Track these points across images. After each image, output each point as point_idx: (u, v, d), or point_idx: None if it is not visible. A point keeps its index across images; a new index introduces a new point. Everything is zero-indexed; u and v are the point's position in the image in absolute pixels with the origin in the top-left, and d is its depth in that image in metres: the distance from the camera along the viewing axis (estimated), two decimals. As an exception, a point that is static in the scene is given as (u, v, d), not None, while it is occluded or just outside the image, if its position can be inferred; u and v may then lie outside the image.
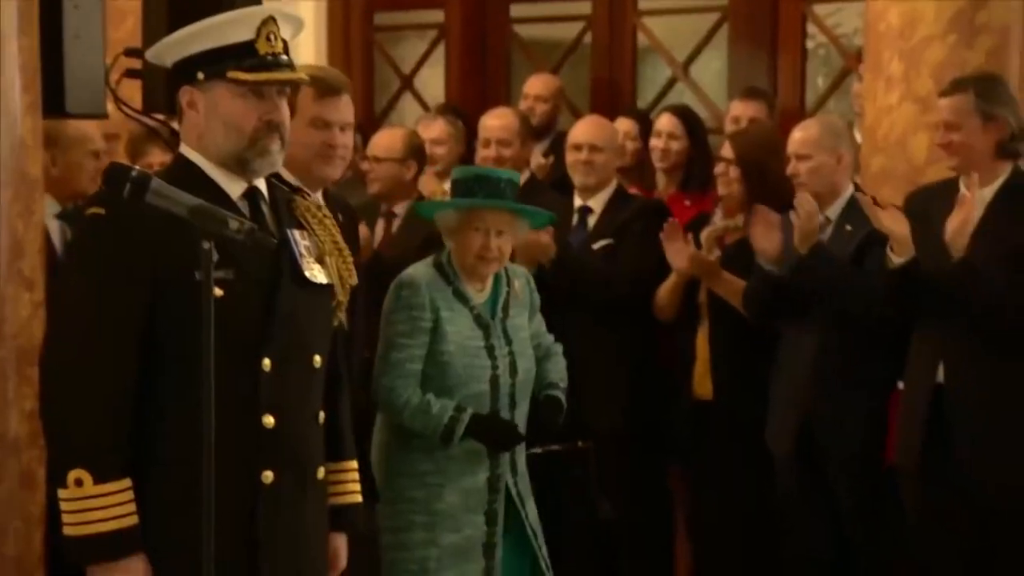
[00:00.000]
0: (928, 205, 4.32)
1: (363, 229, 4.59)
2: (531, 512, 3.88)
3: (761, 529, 4.82)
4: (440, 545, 3.75)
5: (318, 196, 3.81)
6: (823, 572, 4.60)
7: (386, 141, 5.42)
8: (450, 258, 3.86)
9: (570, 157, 5.17)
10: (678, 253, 4.81)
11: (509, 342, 3.85)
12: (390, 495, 3.80)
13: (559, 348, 4.06)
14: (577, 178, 5.15)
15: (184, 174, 2.84)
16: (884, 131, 4.91)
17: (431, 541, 3.75)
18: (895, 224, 4.13)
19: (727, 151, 4.93)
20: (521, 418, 3.88)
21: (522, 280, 3.97)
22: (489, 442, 3.77)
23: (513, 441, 3.82)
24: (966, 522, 4.20)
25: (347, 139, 3.76)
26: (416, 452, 3.79)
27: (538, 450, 4.10)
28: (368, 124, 6.83)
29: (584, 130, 5.19)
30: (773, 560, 4.84)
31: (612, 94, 6.94)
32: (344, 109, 3.75)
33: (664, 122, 5.72)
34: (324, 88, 3.70)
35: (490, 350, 3.81)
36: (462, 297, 3.82)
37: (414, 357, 3.76)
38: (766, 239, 4.51)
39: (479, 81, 7.30)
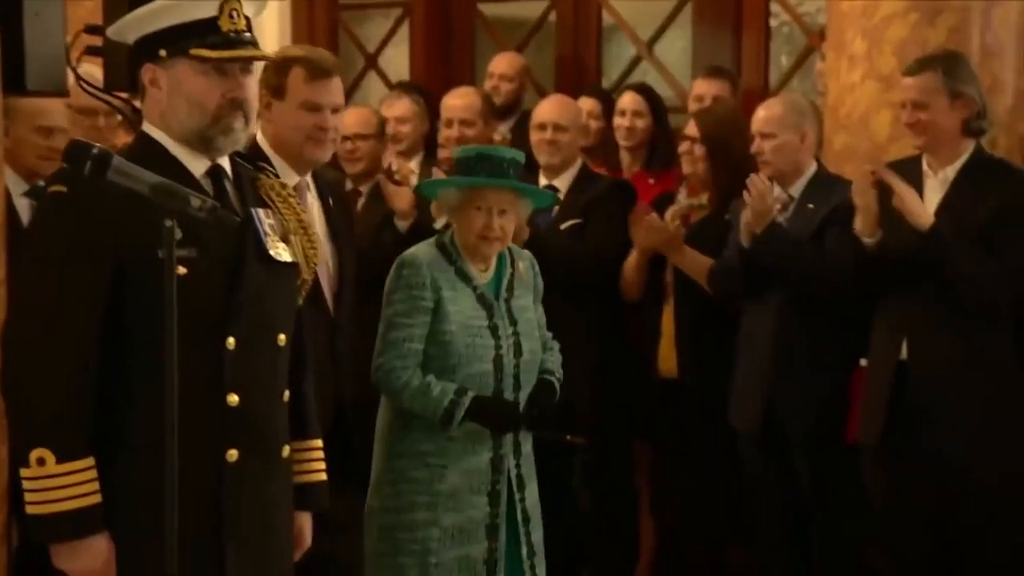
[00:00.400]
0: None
1: None
2: (529, 496, 3.84)
3: (725, 506, 4.84)
4: (442, 525, 3.71)
5: (308, 178, 3.80)
6: (787, 549, 4.63)
7: (363, 118, 5.40)
8: (453, 238, 3.81)
9: (534, 136, 5.16)
10: (644, 233, 4.83)
11: (514, 323, 3.80)
12: (392, 476, 3.76)
13: (556, 345, 4.01)
14: (542, 157, 5.15)
15: (146, 152, 2.83)
16: (847, 109, 4.93)
17: (433, 521, 3.71)
18: (872, 203, 4.18)
19: (692, 129, 4.94)
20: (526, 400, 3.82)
21: (526, 262, 3.93)
22: (490, 424, 3.73)
23: (514, 423, 3.77)
24: (929, 499, 4.23)
25: (338, 121, 3.78)
26: (417, 432, 3.74)
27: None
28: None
29: (548, 109, 5.18)
30: (737, 537, 4.87)
31: (577, 73, 6.93)
32: (335, 91, 3.76)
33: (628, 100, 5.72)
34: (316, 70, 3.71)
35: (493, 330, 3.76)
36: (465, 277, 3.78)
37: (414, 336, 3.71)
38: (760, 203, 4.46)
39: (444, 60, 7.28)
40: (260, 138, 3.84)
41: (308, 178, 3.82)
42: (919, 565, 4.30)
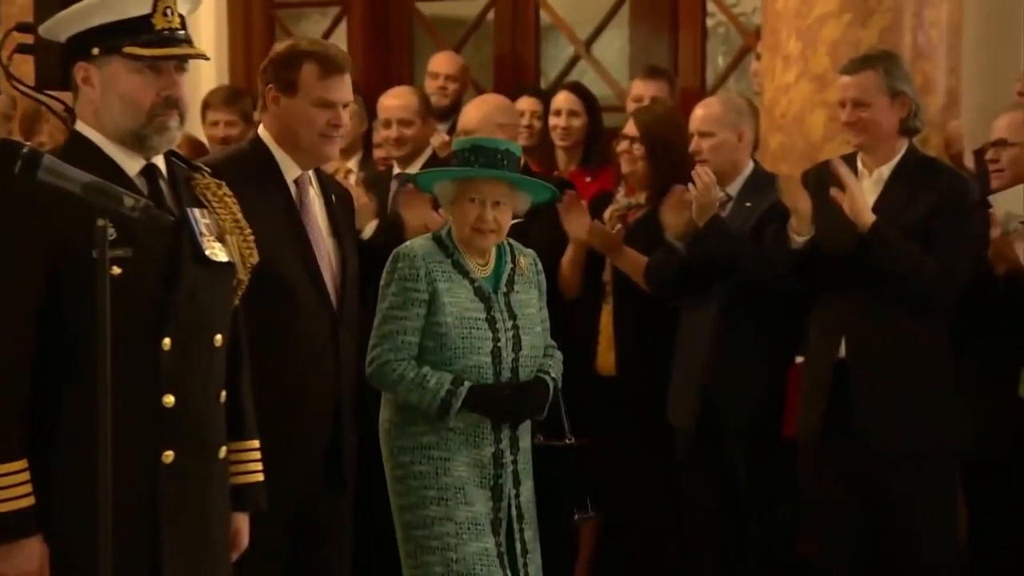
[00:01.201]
0: (825, 181, 4.38)
1: None
2: (523, 492, 3.82)
3: (663, 501, 4.87)
4: (456, 520, 3.69)
5: (310, 173, 3.79)
6: (722, 542, 4.66)
7: None
8: (449, 231, 3.80)
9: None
10: (577, 224, 4.84)
11: (513, 316, 3.78)
12: (399, 472, 3.74)
13: (559, 355, 3.98)
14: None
15: (79, 151, 2.81)
16: (782, 109, 4.98)
17: (447, 516, 3.69)
18: (803, 203, 4.21)
19: (631, 128, 4.95)
20: None
21: (529, 259, 3.92)
22: (489, 413, 3.71)
23: (512, 411, 3.74)
24: (866, 494, 4.27)
25: (347, 118, 3.76)
26: (418, 425, 3.72)
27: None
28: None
29: (469, 117, 5.15)
30: (675, 531, 4.90)
31: (515, 71, 6.94)
32: (346, 88, 3.76)
33: (563, 100, 5.73)
34: (330, 66, 3.71)
35: (491, 322, 3.74)
36: (462, 270, 3.75)
37: (407, 329, 3.69)
38: (675, 214, 4.54)
39: (382, 58, 7.26)
40: (262, 132, 3.81)
41: (310, 173, 3.81)
42: (852, 557, 4.33)
